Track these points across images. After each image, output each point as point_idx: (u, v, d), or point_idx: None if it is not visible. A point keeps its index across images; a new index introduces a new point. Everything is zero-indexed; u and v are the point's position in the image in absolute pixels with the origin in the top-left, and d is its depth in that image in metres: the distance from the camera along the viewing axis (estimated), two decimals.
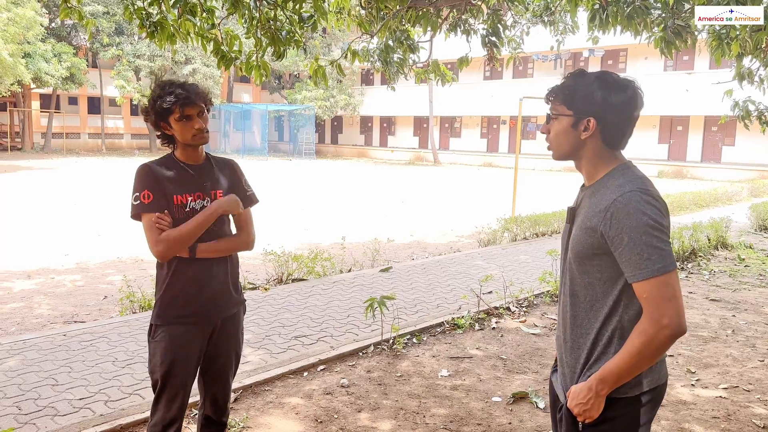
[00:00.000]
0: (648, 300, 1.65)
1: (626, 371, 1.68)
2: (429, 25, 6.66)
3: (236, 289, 2.66)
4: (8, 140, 34.92)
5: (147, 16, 5.34)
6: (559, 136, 1.86)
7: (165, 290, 2.48)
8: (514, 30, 8.39)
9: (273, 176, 24.07)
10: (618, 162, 1.83)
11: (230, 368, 2.68)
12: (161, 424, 2.49)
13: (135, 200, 2.41)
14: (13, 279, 7.35)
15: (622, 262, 1.70)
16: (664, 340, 1.63)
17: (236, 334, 2.66)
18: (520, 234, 9.87)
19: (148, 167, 2.47)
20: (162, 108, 2.41)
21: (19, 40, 24.70)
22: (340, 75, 6.76)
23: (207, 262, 2.50)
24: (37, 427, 3.40)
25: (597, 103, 1.77)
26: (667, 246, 1.67)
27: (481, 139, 37.38)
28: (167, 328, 2.47)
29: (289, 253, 6.90)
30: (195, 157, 2.53)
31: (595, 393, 1.72)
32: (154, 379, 2.51)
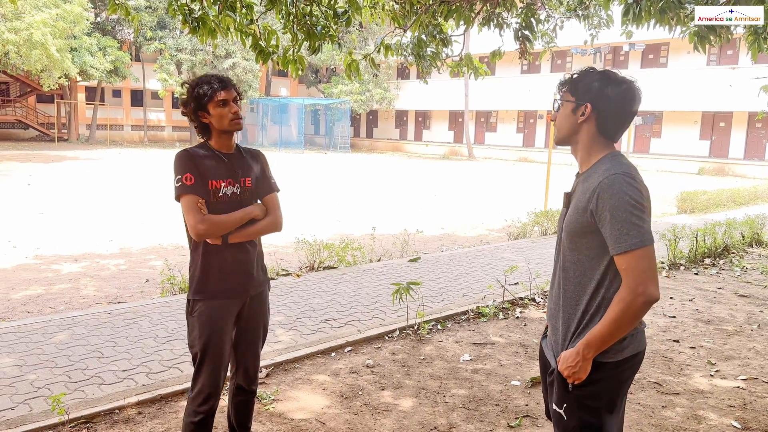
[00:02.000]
0: (626, 271, 1.85)
1: (608, 336, 1.88)
2: (462, 19, 6.75)
3: (262, 269, 2.87)
4: (55, 131, 36.22)
5: (190, 12, 5.60)
6: (562, 120, 2.06)
7: (202, 269, 2.66)
8: (548, 24, 8.41)
9: (308, 169, 24.43)
10: (609, 151, 2.03)
11: (259, 340, 2.89)
12: (202, 395, 2.68)
13: (177, 182, 2.57)
14: (62, 262, 7.77)
15: (606, 237, 1.90)
16: (640, 306, 1.84)
17: (263, 308, 2.87)
18: (550, 228, 9.91)
19: (188, 152, 2.64)
20: (200, 94, 2.58)
21: (66, 35, 25.57)
22: (374, 69, 6.91)
23: (240, 244, 2.70)
24: (85, 393, 3.70)
25: (594, 92, 1.98)
26: (645, 223, 1.87)
27: (517, 133, 37.14)
28: (205, 303, 2.65)
29: (321, 242, 7.13)
30: (228, 146, 2.70)
31: (582, 357, 1.92)
32: (194, 352, 2.68)
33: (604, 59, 32.45)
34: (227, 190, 2.64)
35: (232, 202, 2.65)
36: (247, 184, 2.72)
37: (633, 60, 31.69)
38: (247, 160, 2.76)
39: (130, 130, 41.26)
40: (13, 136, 37.09)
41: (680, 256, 7.88)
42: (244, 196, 2.70)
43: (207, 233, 2.58)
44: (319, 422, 3.51)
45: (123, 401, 3.59)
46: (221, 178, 2.64)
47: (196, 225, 2.53)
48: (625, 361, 1.95)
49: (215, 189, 2.62)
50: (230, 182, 2.66)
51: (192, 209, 2.55)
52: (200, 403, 2.69)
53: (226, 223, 2.60)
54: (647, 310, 1.86)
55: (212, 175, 2.61)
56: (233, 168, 2.68)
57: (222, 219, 2.60)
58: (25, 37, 23.03)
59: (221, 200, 2.62)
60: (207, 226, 2.55)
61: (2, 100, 36.43)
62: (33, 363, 4.09)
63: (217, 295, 2.67)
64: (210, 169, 2.62)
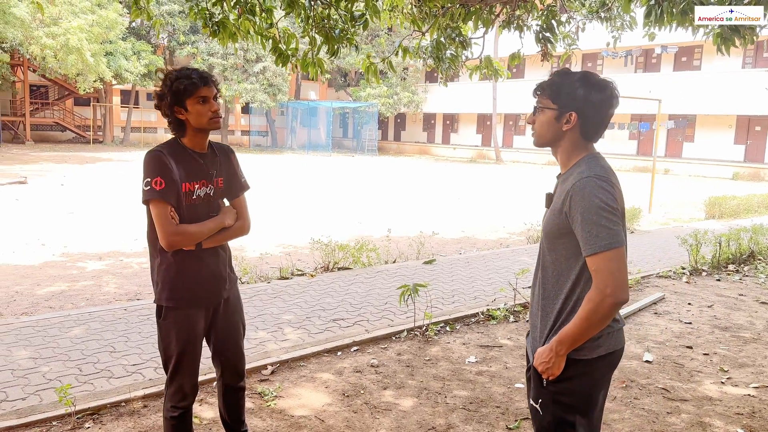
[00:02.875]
0: (596, 272, 1.87)
1: (579, 334, 1.91)
2: (480, 22, 6.74)
3: (231, 269, 2.83)
4: (91, 133, 37.15)
5: (210, 16, 5.73)
6: (543, 126, 2.07)
7: (176, 274, 2.57)
8: (569, 26, 8.34)
9: (335, 171, 24.59)
10: (587, 153, 2.04)
11: (239, 336, 2.86)
12: (181, 393, 2.67)
13: (146, 186, 2.44)
14: (87, 260, 7.99)
15: (579, 239, 1.92)
16: (608, 307, 1.85)
17: (238, 306, 2.84)
18: None
19: (160, 153, 2.49)
20: (179, 89, 2.46)
21: (101, 40, 26.24)
22: (392, 72, 6.95)
23: (212, 249, 2.64)
24: (93, 386, 3.81)
25: (579, 100, 1.98)
26: (615, 226, 1.87)
27: None
28: (179, 312, 2.59)
29: (336, 243, 7.19)
30: (202, 145, 2.59)
31: (555, 353, 1.95)
32: (166, 357, 2.63)
33: (635, 62, 31.98)
34: (200, 192, 2.58)
35: (206, 203, 2.61)
36: (219, 184, 2.66)
37: (665, 62, 31.12)
38: (220, 159, 2.69)
39: (164, 133, 42.02)
40: (51, 138, 38.19)
41: (703, 261, 7.72)
42: (216, 197, 2.65)
43: (179, 245, 2.51)
44: (318, 419, 3.55)
45: (129, 394, 3.69)
46: (195, 180, 2.56)
47: (169, 236, 2.46)
48: (599, 359, 1.97)
49: (189, 191, 2.54)
50: (204, 183, 2.59)
51: (163, 218, 2.45)
52: (179, 400, 2.69)
53: (198, 234, 2.54)
54: (616, 311, 1.88)
55: (186, 176, 2.52)
56: (207, 168, 2.61)
57: (194, 230, 2.53)
58: (62, 42, 23.74)
59: (194, 202, 2.56)
60: (181, 238, 2.49)
61: (41, 102, 37.54)
62: (47, 356, 4.23)
63: (190, 303, 2.62)
64: (183, 171, 2.52)
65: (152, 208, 2.46)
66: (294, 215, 12.16)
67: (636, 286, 6.79)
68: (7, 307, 5.82)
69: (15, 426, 3.30)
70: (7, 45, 25.97)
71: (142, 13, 5.91)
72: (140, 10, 5.87)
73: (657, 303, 6.14)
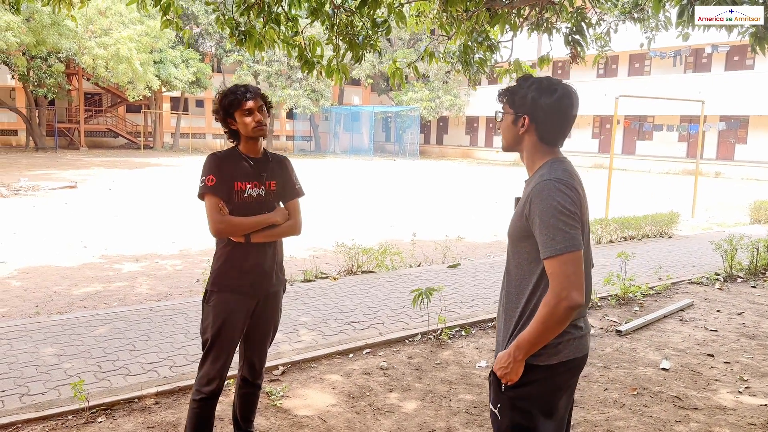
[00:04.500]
0: (552, 275, 1.87)
1: (536, 338, 1.90)
2: (507, 25, 6.71)
3: (280, 270, 3.06)
4: (142, 139, 38.43)
5: (236, 25, 5.90)
6: (505, 131, 2.12)
7: (223, 263, 2.86)
8: (601, 27, 8.20)
9: (375, 175, 24.73)
10: (551, 157, 2.06)
11: (268, 338, 3.09)
12: (206, 377, 2.90)
13: (201, 182, 2.82)
14: (124, 262, 8.30)
15: (538, 242, 1.92)
16: (564, 311, 1.85)
17: (276, 309, 3.06)
18: (605, 237, 9.61)
19: (214, 156, 2.88)
20: (228, 103, 2.81)
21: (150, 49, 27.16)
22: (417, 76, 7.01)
23: (260, 244, 2.88)
24: (110, 383, 3.98)
25: (529, 104, 2.02)
26: (572, 230, 1.88)
27: (592, 139, 36.06)
28: (221, 295, 2.85)
29: (359, 246, 7.26)
30: (255, 151, 2.91)
31: (513, 358, 1.94)
32: (204, 338, 2.89)
33: (685, 62, 31.05)
34: (252, 192, 2.86)
35: (258, 202, 2.87)
36: (271, 186, 2.93)
37: (716, 62, 30.09)
38: (273, 165, 2.97)
39: (212, 138, 43.15)
40: (104, 144, 39.69)
41: (739, 267, 7.46)
42: (268, 198, 2.91)
43: (224, 232, 2.81)
44: (320, 419, 3.62)
45: (142, 391, 3.84)
46: (247, 180, 2.86)
47: (215, 224, 2.78)
48: (559, 365, 1.97)
49: (240, 190, 2.83)
50: (255, 184, 2.87)
51: (212, 209, 2.78)
52: (204, 384, 2.90)
53: (242, 226, 2.81)
54: (572, 315, 1.87)
55: (238, 177, 2.83)
56: (259, 171, 2.89)
57: (239, 221, 2.80)
58: (112, 52, 24.72)
59: (246, 201, 2.84)
60: (225, 226, 2.79)
61: (95, 110, 39.08)
62: (71, 353, 4.44)
63: (234, 289, 2.85)
64: (236, 172, 2.83)
65: (205, 201, 2.81)
66: (328, 218, 12.32)
67: (665, 292, 6.62)
68: (44, 307, 6.11)
69: (33, 419, 3.48)
70: (63, 55, 27.18)
71: (171, 23, 6.13)
72: (169, 20, 6.08)
73: (684, 310, 5.98)
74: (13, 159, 26.73)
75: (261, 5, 5.77)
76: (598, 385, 4.19)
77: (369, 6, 5.89)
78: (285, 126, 45.31)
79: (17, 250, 8.82)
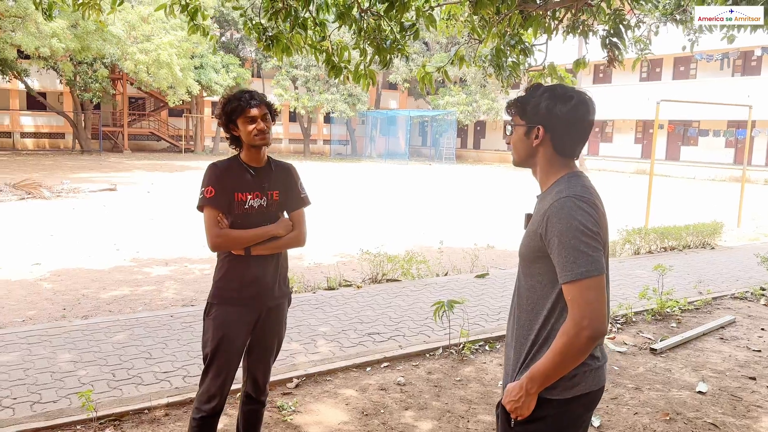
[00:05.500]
0: (572, 302, 1.70)
1: (552, 371, 1.73)
2: (541, 27, 6.51)
3: (284, 282, 2.94)
4: (183, 143, 39.15)
5: (263, 30, 5.85)
6: (516, 144, 1.96)
7: (223, 275, 2.78)
8: (640, 30, 7.89)
9: (410, 180, 24.57)
10: (567, 171, 1.89)
11: (272, 353, 2.96)
12: (206, 394, 2.79)
13: (200, 194, 2.73)
14: (153, 265, 8.35)
15: (555, 264, 1.76)
16: (585, 341, 1.67)
17: (280, 322, 2.93)
18: (644, 247, 9.24)
19: (214, 166, 2.78)
20: (231, 109, 2.72)
21: (190, 55, 27.64)
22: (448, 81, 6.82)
23: (262, 257, 2.77)
24: (122, 392, 3.93)
25: (543, 113, 1.86)
26: (594, 252, 1.71)
27: (635, 144, 35.18)
28: (221, 308, 2.76)
29: (384, 254, 7.12)
30: (257, 160, 2.81)
31: (525, 391, 1.77)
32: (205, 352, 2.80)
33: (733, 65, 30.00)
34: (254, 203, 2.77)
35: (259, 213, 2.77)
36: (274, 197, 2.83)
37: (766, 65, 28.97)
38: (276, 174, 2.87)
39: None
40: (147, 147, 40.57)
41: None
42: (271, 209, 2.81)
43: (221, 246, 2.73)
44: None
45: (151, 402, 3.78)
46: (247, 191, 2.76)
47: (213, 238, 2.70)
48: (574, 400, 1.79)
49: (241, 201, 2.74)
50: (257, 195, 2.77)
51: (210, 222, 2.70)
52: (204, 402, 2.79)
53: (241, 239, 2.71)
54: (593, 345, 1.70)
55: (239, 187, 2.74)
56: (260, 181, 2.79)
57: (237, 235, 2.71)
58: (153, 57, 25.23)
59: (247, 212, 2.75)
60: (222, 240, 2.70)
61: (138, 114, 40.02)
62: (87, 360, 4.42)
63: (234, 302, 2.77)
64: (236, 182, 2.74)
65: (204, 214, 2.73)
66: (360, 223, 12.22)
67: (705, 307, 6.29)
68: (71, 310, 6.16)
69: (42, 428, 3.45)
70: (107, 61, 27.90)
71: (198, 28, 6.11)
72: (196, 26, 6.07)
73: (725, 327, 5.65)
74: (59, 161, 27.53)
75: (288, 10, 5.71)
76: (628, 408, 3.95)
77: (396, 10, 5.76)
78: (322, 130, 45.55)
79: (52, 252, 8.98)
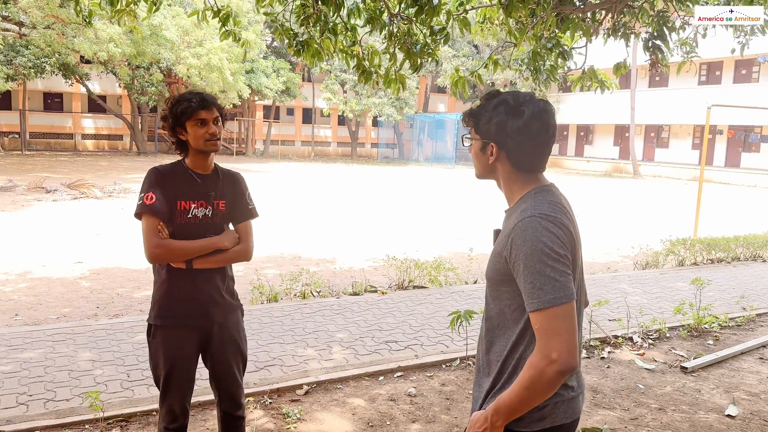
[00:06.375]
0: (539, 332, 1.58)
1: (518, 404, 1.61)
2: (579, 30, 6.33)
3: (231, 295, 2.76)
4: (235, 145, 40.00)
5: (294, 35, 5.89)
6: (475, 158, 1.86)
7: (163, 293, 2.60)
8: (686, 32, 7.57)
9: (455, 184, 24.36)
10: (534, 185, 1.77)
11: (235, 367, 2.78)
12: (170, 414, 2.67)
13: (139, 200, 2.52)
14: None
15: (521, 290, 1.63)
16: (553, 376, 1.54)
17: (236, 335, 2.75)
18: (689, 258, 8.83)
19: (156, 171, 2.58)
20: (180, 111, 2.54)
21: (240, 60, 28.19)
22: (480, 84, 6.72)
23: (205, 270, 2.60)
24: (133, 393, 3.99)
25: (494, 130, 1.74)
26: (562, 276, 1.58)
27: (692, 150, 33.89)
28: (165, 331, 2.60)
29: (411, 260, 7.03)
30: (204, 166, 2.63)
31: (490, 424, 1.65)
32: (156, 375, 2.65)
33: None
34: (198, 212, 2.59)
35: (203, 224, 2.60)
36: (220, 207, 2.65)
37: None
38: (223, 183, 2.69)
39: (300, 146, 44.27)
40: None
41: None
42: (215, 219, 2.64)
43: (160, 258, 2.52)
44: None
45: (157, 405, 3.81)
46: (191, 199, 2.59)
47: (152, 248, 2.48)
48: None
49: (184, 210, 2.57)
50: (202, 204, 2.60)
51: (149, 231, 2.49)
52: (170, 421, 2.69)
53: (183, 251, 2.53)
54: (562, 380, 1.56)
55: (182, 195, 2.56)
56: (206, 189, 2.62)
57: (179, 246, 2.52)
58: (205, 61, 25.87)
59: (190, 222, 2.58)
60: (162, 251, 2.49)
61: None
62: (106, 359, 4.51)
63: (179, 322, 2.60)
64: (180, 189, 2.56)
65: (142, 221, 2.51)
66: (398, 227, 12.15)
67: (747, 324, 5.94)
68: (104, 308, 6.33)
69: (52, 426, 3.53)
70: (162, 65, 28.77)
71: (230, 34, 6.20)
72: (228, 32, 6.15)
73: (767, 346, 5.32)
74: (115, 162, 28.54)
75: (318, 15, 5.72)
76: (647, 430, 3.74)
77: (426, 13, 5.69)
78: (370, 133, 45.74)
79: (95, 251, 9.27)
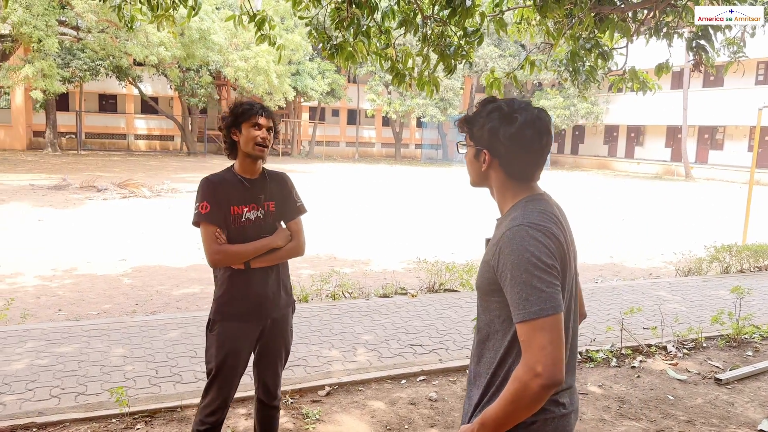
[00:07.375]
0: (525, 344, 1.55)
1: (503, 418, 1.58)
2: (619, 30, 6.20)
3: (286, 292, 2.94)
4: (280, 146, 40.60)
5: (328, 39, 5.97)
6: (468, 165, 1.85)
7: (225, 291, 2.78)
8: (732, 31, 7.30)
9: None
10: (526, 194, 1.74)
11: (279, 360, 2.98)
12: (210, 408, 2.82)
13: (195, 209, 2.73)
14: None
15: (508, 301, 1.61)
16: (537, 390, 1.51)
17: (284, 331, 2.95)
18: (734, 265, 8.50)
19: (207, 180, 2.77)
20: (241, 111, 2.75)
21: (287, 61, 28.62)
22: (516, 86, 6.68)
23: (263, 269, 2.78)
24: (160, 389, 4.11)
25: (486, 137, 1.73)
26: (549, 287, 1.55)
27: (748, 152, 32.55)
28: (223, 324, 2.78)
29: (442, 263, 7.00)
30: (252, 171, 2.82)
31: None
32: (209, 368, 2.81)
33: None
34: (250, 215, 2.77)
35: (257, 226, 2.78)
36: (271, 208, 2.84)
37: None
38: (271, 184, 2.87)
39: (345, 146, 44.60)
40: None
41: None
42: (268, 220, 2.82)
43: (221, 263, 2.72)
44: None
45: (183, 401, 3.91)
46: (243, 204, 2.76)
47: (212, 254, 2.69)
48: None
49: (237, 215, 2.75)
50: (253, 207, 2.78)
51: (207, 238, 2.69)
52: (208, 414, 2.83)
53: (240, 254, 2.71)
54: (548, 395, 1.52)
55: (235, 201, 2.74)
56: (256, 193, 2.80)
57: (236, 250, 2.71)
58: (252, 64, 26.38)
59: (245, 225, 2.76)
60: (222, 256, 2.69)
61: None
62: (137, 356, 4.65)
63: (237, 318, 2.78)
64: (232, 196, 2.74)
65: (200, 229, 2.71)
66: (436, 229, 12.12)
67: None
68: (142, 305, 6.53)
69: (80, 419, 3.67)
70: (212, 68, 29.49)
71: (265, 38, 6.31)
72: (263, 35, 6.26)
73: None
74: (166, 162, 29.38)
75: (351, 18, 5.77)
76: None
77: (460, 15, 5.67)
78: (414, 134, 45.71)
79: (139, 249, 9.58)
